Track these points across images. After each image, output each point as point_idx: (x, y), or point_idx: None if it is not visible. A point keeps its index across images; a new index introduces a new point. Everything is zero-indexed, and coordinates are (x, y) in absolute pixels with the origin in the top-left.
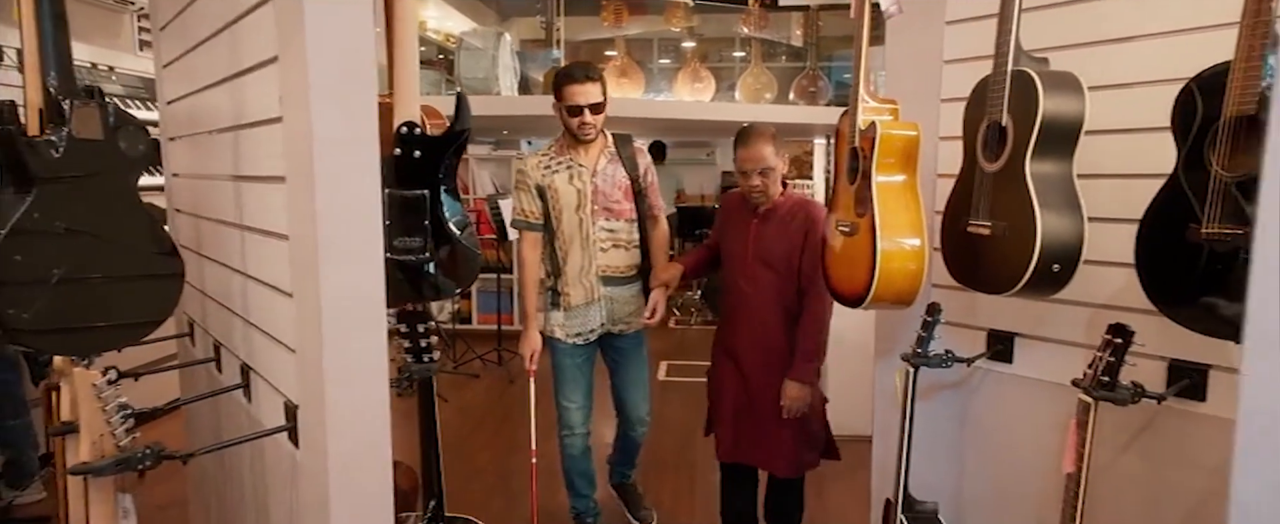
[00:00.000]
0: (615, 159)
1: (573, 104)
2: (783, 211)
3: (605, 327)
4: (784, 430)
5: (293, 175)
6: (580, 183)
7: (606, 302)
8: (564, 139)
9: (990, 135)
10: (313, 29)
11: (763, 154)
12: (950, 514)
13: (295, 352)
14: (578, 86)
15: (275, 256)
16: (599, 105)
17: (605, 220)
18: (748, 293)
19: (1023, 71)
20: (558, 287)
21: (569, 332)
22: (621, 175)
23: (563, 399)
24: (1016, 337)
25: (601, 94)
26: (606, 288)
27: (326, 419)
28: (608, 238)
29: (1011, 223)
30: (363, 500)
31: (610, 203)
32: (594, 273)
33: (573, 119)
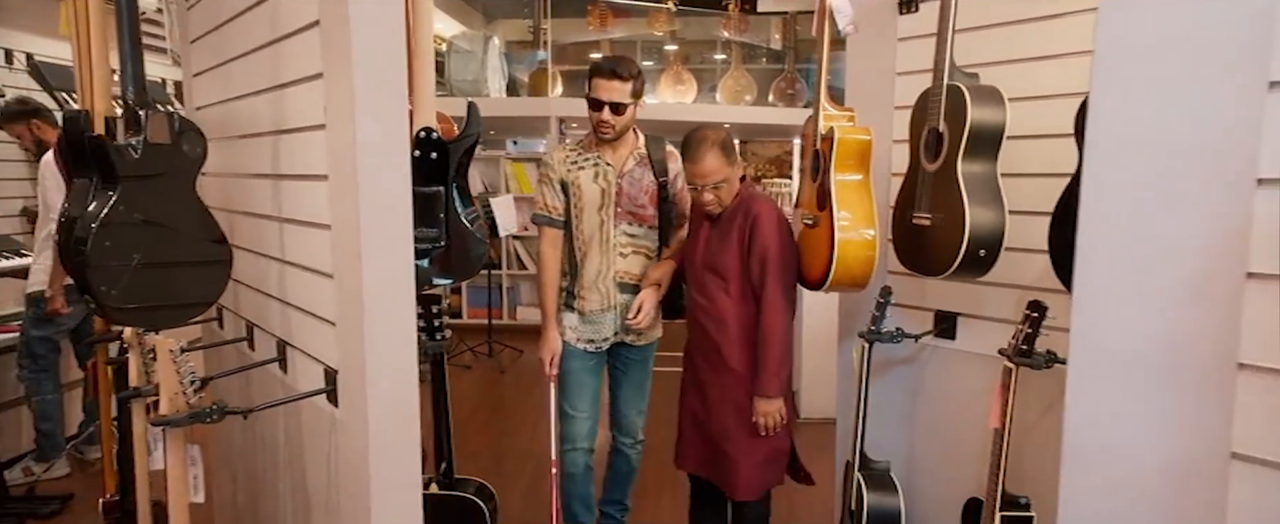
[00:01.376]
0: (645, 162)
1: (594, 97)
2: (727, 215)
3: (619, 336)
4: (737, 449)
5: (336, 174)
6: (604, 182)
7: (622, 310)
8: (593, 134)
9: (930, 140)
10: (357, 50)
11: (710, 168)
12: (901, 471)
13: (336, 324)
14: (603, 81)
15: (317, 244)
16: (620, 106)
17: (628, 224)
18: (699, 303)
19: (955, 85)
20: (573, 289)
21: (581, 336)
22: (649, 179)
23: (568, 406)
24: (959, 316)
25: (629, 95)
26: (623, 296)
27: (367, 381)
28: (628, 243)
29: (946, 215)
30: (396, 450)
31: (634, 207)
32: (611, 278)
33: (593, 114)
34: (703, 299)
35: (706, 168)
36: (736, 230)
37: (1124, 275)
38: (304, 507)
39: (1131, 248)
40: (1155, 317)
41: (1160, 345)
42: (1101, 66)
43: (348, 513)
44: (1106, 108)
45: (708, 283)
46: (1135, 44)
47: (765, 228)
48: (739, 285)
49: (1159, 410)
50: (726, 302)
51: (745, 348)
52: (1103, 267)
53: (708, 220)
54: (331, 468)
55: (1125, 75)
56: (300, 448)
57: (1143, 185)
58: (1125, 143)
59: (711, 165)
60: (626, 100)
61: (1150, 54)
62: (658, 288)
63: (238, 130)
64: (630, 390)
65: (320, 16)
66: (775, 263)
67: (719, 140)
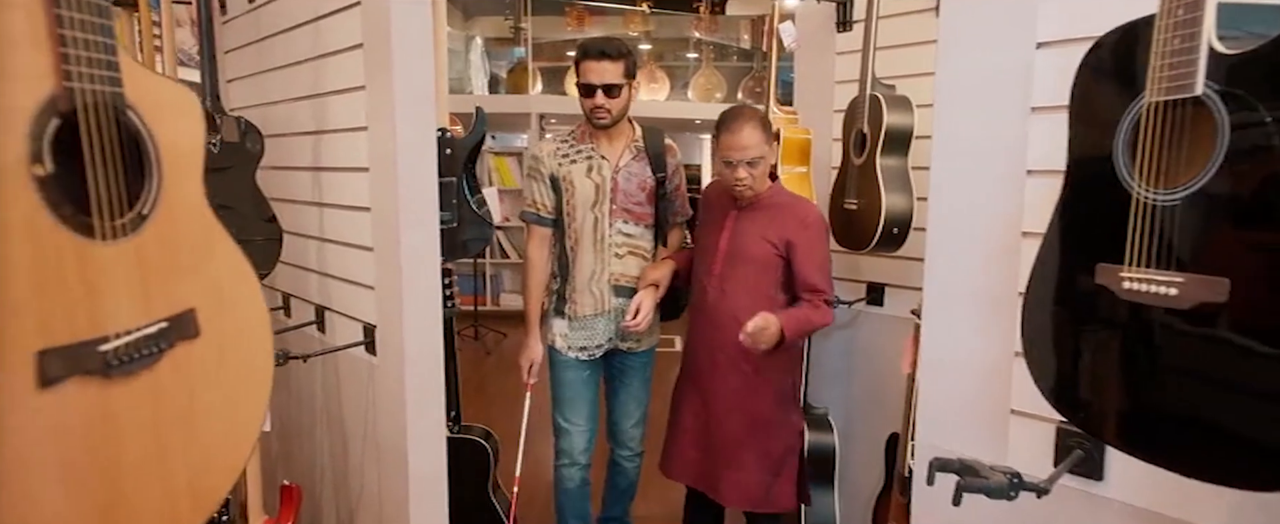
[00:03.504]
0: (642, 155)
1: (585, 81)
2: (768, 207)
3: (613, 342)
4: (745, 456)
5: (376, 167)
6: (599, 177)
7: (616, 315)
8: (585, 124)
9: (856, 139)
10: (397, 68)
11: (748, 141)
12: (837, 415)
13: (375, 288)
14: (593, 63)
15: (357, 224)
16: (615, 88)
17: (624, 222)
18: (713, 296)
19: (875, 94)
20: (565, 292)
21: (572, 344)
22: (647, 174)
23: (562, 418)
24: (886, 286)
25: (622, 75)
26: (618, 299)
27: (403, 333)
28: (624, 243)
29: (868, 201)
30: (426, 390)
31: (631, 204)
32: (606, 280)
33: (586, 100)
34: (717, 292)
35: (744, 140)
36: (776, 226)
37: (955, 237)
38: (341, 443)
39: (960, 218)
40: (974, 265)
41: (976, 284)
42: (940, 95)
43: (387, 444)
44: (944, 123)
45: (730, 276)
46: (959, 82)
47: (819, 236)
48: (771, 280)
49: (976, 328)
50: (751, 297)
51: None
52: (944, 232)
53: (735, 210)
54: (370, 408)
55: (954, 101)
56: (338, 394)
57: (965, 176)
58: (955, 147)
59: (749, 138)
60: (620, 81)
61: (968, 88)
62: (656, 289)
63: (274, 130)
64: (629, 401)
65: (364, 40)
66: (827, 273)
67: (758, 116)
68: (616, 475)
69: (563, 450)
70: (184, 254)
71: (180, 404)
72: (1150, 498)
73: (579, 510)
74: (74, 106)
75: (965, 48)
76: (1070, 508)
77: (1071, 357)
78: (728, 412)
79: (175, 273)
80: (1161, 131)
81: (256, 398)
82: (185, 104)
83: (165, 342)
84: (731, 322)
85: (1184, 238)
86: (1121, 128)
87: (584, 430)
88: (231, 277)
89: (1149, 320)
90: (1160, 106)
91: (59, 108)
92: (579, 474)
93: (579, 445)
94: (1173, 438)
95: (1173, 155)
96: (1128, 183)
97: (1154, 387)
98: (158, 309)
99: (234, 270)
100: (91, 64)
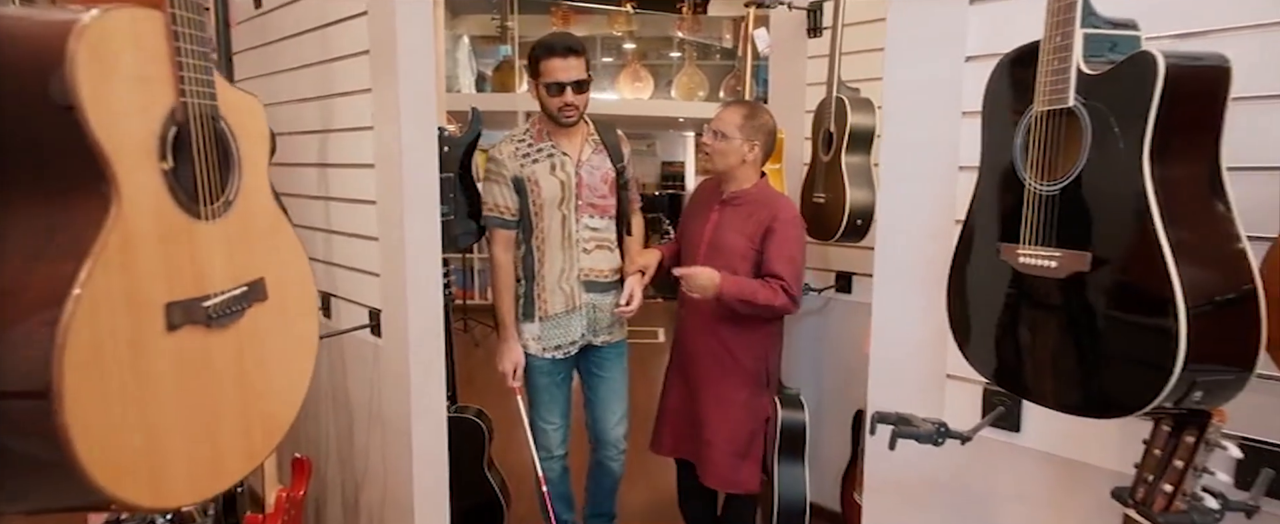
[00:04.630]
0: (600, 148)
1: (553, 80)
2: (750, 203)
3: (586, 337)
4: (715, 437)
5: (382, 163)
6: (563, 174)
7: (588, 309)
8: (542, 122)
9: (824, 138)
10: (402, 71)
11: (724, 118)
12: (809, 394)
13: (380, 275)
14: (558, 61)
15: (363, 216)
16: (583, 83)
17: (590, 217)
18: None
19: (840, 97)
20: (532, 294)
21: (546, 345)
22: (608, 166)
23: (540, 420)
24: (853, 275)
25: (585, 70)
26: (589, 294)
27: (408, 316)
28: (592, 237)
29: (835, 194)
30: (428, 370)
31: (596, 197)
32: (576, 277)
33: (554, 99)
34: None
35: (723, 116)
36: (754, 221)
37: (900, 225)
38: (347, 420)
39: (903, 208)
40: (915, 249)
41: (917, 266)
42: (887, 101)
43: (392, 420)
44: (891, 126)
45: (711, 266)
46: (903, 90)
47: (792, 231)
48: (746, 271)
49: (917, 304)
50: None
51: (737, 333)
52: (890, 220)
53: (718, 203)
54: (375, 387)
55: (899, 107)
56: (344, 374)
57: (908, 171)
58: (900, 147)
59: (727, 116)
60: (585, 75)
61: (910, 96)
62: (642, 276)
63: (281, 129)
64: (609, 397)
65: (370, 47)
66: (794, 265)
67: (746, 109)
68: (602, 476)
69: (542, 447)
70: (256, 233)
71: (256, 352)
72: (1058, 445)
73: (561, 492)
74: (187, 117)
75: (907, 61)
76: (994, 456)
77: (983, 321)
78: (706, 394)
79: (251, 248)
80: (1045, 135)
81: (308, 351)
82: (256, 111)
83: (245, 302)
84: (707, 314)
85: (1061, 221)
86: (1019, 131)
87: (560, 427)
88: (290, 253)
89: (1037, 288)
90: (1044, 115)
91: (176, 117)
92: (559, 465)
93: (556, 440)
94: (1053, 381)
95: (1054, 154)
96: (1022, 177)
97: (1040, 341)
98: (240, 276)
99: (292, 248)
100: (198, 83)
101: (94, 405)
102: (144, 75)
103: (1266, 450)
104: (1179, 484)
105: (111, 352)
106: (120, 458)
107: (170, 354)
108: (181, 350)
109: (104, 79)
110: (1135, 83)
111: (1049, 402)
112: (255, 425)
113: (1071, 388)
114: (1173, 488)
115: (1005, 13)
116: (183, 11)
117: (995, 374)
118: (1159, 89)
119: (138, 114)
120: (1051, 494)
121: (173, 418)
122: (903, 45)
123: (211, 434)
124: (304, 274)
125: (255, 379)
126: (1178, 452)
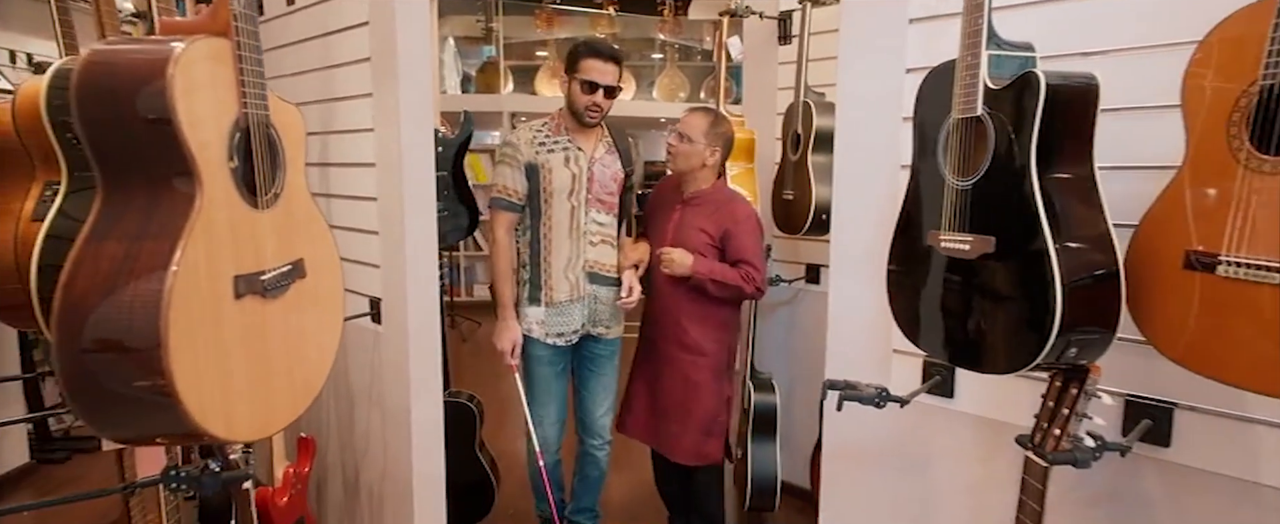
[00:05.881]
0: (613, 150)
1: (589, 79)
2: (709, 203)
3: (586, 327)
4: (679, 420)
5: (382, 162)
6: (577, 168)
7: (591, 300)
8: (563, 118)
9: (792, 139)
10: (402, 77)
11: (690, 123)
12: (780, 379)
13: (380, 267)
14: (601, 63)
15: (364, 211)
16: (614, 90)
17: (597, 212)
18: (662, 281)
19: (806, 101)
20: (538, 279)
21: (549, 330)
22: (617, 167)
23: (539, 410)
24: (820, 267)
25: (619, 79)
26: (592, 286)
27: (407, 304)
28: (598, 231)
29: (802, 192)
30: (425, 356)
31: (604, 194)
32: (581, 267)
33: (585, 96)
34: (666, 276)
35: (688, 121)
36: (713, 220)
37: (852, 217)
38: (347, 402)
39: (855, 202)
40: (865, 238)
41: (867, 253)
42: (840, 107)
43: (391, 401)
44: (843, 130)
45: None
46: (853, 98)
47: (751, 225)
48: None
49: (867, 287)
50: (692, 283)
51: (700, 324)
52: (844, 213)
53: (681, 202)
54: (375, 372)
55: (850, 113)
56: (345, 360)
57: (859, 170)
58: (852, 148)
59: (693, 122)
60: (620, 84)
61: (859, 103)
62: (636, 269)
63: None
64: (599, 389)
65: (371, 54)
66: (757, 256)
67: (715, 114)
68: (588, 466)
69: (538, 437)
70: (298, 221)
71: (298, 321)
72: (985, 408)
73: (552, 477)
74: (247, 124)
75: (856, 72)
76: (933, 420)
77: (913, 297)
78: (672, 379)
79: (294, 234)
80: (961, 138)
81: (337, 323)
82: (297, 118)
83: (290, 278)
84: (672, 307)
85: (972, 211)
86: (942, 134)
87: (555, 422)
88: (322, 238)
89: (954, 267)
90: (960, 121)
91: (239, 125)
92: (552, 458)
93: (552, 436)
94: (966, 344)
95: (968, 154)
96: (944, 174)
97: (957, 311)
98: (286, 257)
99: (324, 235)
100: (255, 96)
101: (188, 355)
102: (218, 91)
103: (1143, 404)
104: (1064, 428)
105: (198, 314)
106: (204, 397)
107: (237, 317)
108: (244, 315)
109: (191, 95)
110: (1025, 97)
111: (964, 362)
112: (298, 383)
113: (980, 349)
114: (1060, 432)
115: (938, 30)
116: (245, 39)
117: (923, 340)
118: (1042, 102)
119: (213, 123)
120: (980, 450)
121: (240, 368)
122: (852, 58)
123: (267, 384)
124: (333, 258)
125: (297, 344)
126: (1064, 401)
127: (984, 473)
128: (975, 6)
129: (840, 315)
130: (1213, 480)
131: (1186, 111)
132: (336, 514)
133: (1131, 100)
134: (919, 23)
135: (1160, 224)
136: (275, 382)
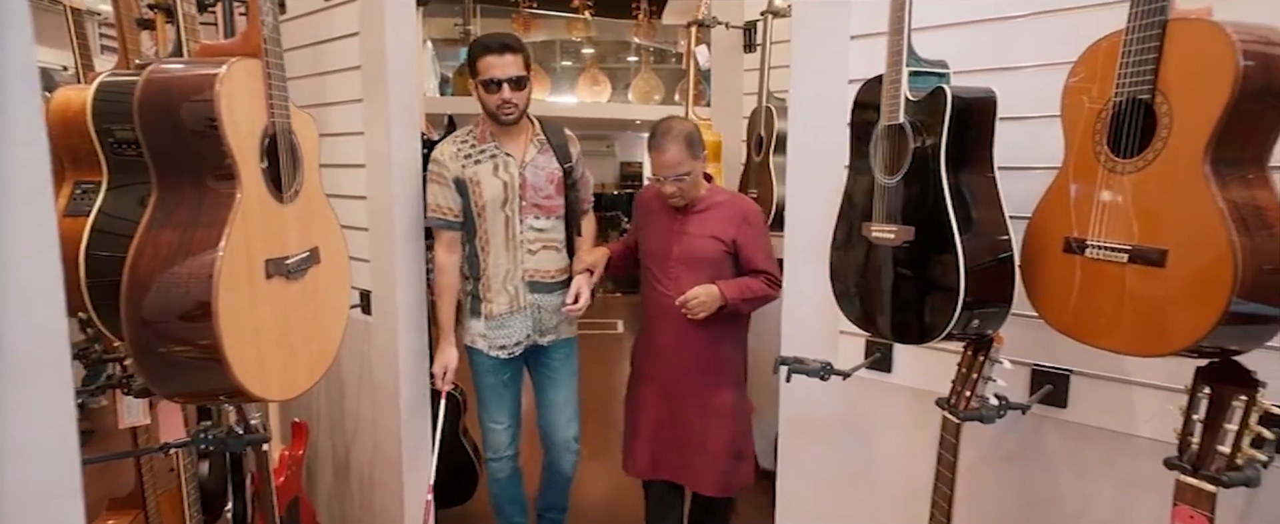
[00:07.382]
0: (546, 148)
1: (489, 77)
2: (710, 208)
3: (532, 338)
4: (712, 445)
5: (372, 163)
6: (507, 175)
7: (533, 310)
8: (485, 123)
9: (755, 141)
10: (391, 84)
11: (673, 159)
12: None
13: (370, 261)
14: (494, 58)
15: (353, 209)
16: (521, 80)
17: (534, 218)
18: (669, 297)
19: (768, 106)
20: (478, 292)
21: (492, 343)
22: (553, 166)
23: (487, 420)
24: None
25: (524, 67)
26: (533, 295)
27: (397, 295)
28: (537, 238)
29: (764, 191)
30: (413, 344)
31: (540, 198)
32: (520, 278)
33: (492, 96)
34: (674, 292)
35: (670, 159)
36: (720, 224)
37: (802, 212)
38: (338, 389)
39: (804, 198)
40: (813, 230)
41: (815, 243)
42: (792, 113)
43: (382, 387)
44: (794, 133)
45: (687, 278)
46: (803, 104)
47: (760, 225)
48: (724, 276)
49: (816, 274)
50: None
51: (719, 341)
52: (796, 208)
53: (679, 214)
54: (365, 359)
55: (800, 118)
56: None
57: (808, 169)
58: (802, 149)
59: (674, 156)
60: (524, 73)
61: (808, 109)
62: (590, 275)
63: None
64: (558, 398)
65: (361, 62)
66: (771, 257)
67: (685, 132)
68: (555, 475)
69: (492, 446)
70: (314, 214)
71: (314, 302)
72: (919, 381)
73: (512, 494)
74: (274, 131)
75: (805, 81)
76: (874, 393)
77: (849, 280)
78: (692, 406)
79: (310, 225)
80: (888, 142)
81: (345, 306)
82: (312, 125)
83: (309, 263)
84: (682, 323)
85: (897, 205)
86: (874, 139)
87: (508, 427)
88: (334, 230)
89: (882, 254)
90: (887, 128)
91: (268, 131)
92: (508, 466)
93: (505, 441)
94: (890, 318)
95: (894, 155)
96: (875, 172)
97: (883, 293)
98: (306, 244)
99: (335, 227)
100: (280, 107)
101: (231, 323)
102: (252, 103)
103: (1046, 372)
104: (974, 390)
105: (238, 289)
106: (245, 359)
107: (268, 294)
108: (273, 293)
109: (232, 107)
110: (935, 108)
111: (888, 333)
112: (315, 353)
113: (900, 323)
114: (970, 393)
115: (876, 46)
116: (272, 60)
117: (856, 317)
118: (949, 113)
119: (248, 130)
120: (916, 418)
121: (270, 337)
122: (801, 68)
123: (291, 352)
124: (342, 248)
125: (313, 319)
126: (974, 367)
127: (920, 438)
128: (897, 31)
129: (793, 300)
130: (1100, 435)
131: (1065, 120)
132: (327, 494)
133: (1035, 110)
134: (859, 39)
135: (1047, 215)
136: (297, 350)
